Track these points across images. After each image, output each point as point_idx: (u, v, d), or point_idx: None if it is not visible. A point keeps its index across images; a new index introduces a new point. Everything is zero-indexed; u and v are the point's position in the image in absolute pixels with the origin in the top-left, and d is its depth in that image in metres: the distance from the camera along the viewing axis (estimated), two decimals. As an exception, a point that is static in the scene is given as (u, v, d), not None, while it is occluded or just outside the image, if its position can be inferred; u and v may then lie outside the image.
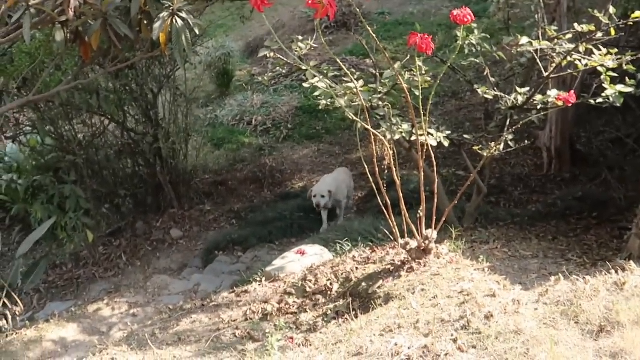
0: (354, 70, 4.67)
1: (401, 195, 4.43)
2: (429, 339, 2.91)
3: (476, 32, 5.37)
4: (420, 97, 4.24)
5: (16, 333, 5.36)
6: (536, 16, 5.95)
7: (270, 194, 9.09)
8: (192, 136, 9.47)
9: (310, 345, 3.70)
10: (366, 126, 4.26)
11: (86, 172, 7.90)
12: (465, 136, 5.90)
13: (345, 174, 8.46)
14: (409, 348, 2.85)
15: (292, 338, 4.11)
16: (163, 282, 6.40)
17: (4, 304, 5.60)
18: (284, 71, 12.05)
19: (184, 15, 4.71)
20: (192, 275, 6.78)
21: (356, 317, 4.06)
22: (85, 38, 5.04)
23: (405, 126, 5.13)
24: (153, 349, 4.29)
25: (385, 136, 4.92)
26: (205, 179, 9.58)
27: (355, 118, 4.24)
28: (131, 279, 7.39)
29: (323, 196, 7.70)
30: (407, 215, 4.41)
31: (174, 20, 4.66)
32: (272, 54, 5.34)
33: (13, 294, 5.69)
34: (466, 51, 5.51)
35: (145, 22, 4.95)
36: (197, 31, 5.11)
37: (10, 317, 5.55)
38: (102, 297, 7.02)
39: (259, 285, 5.37)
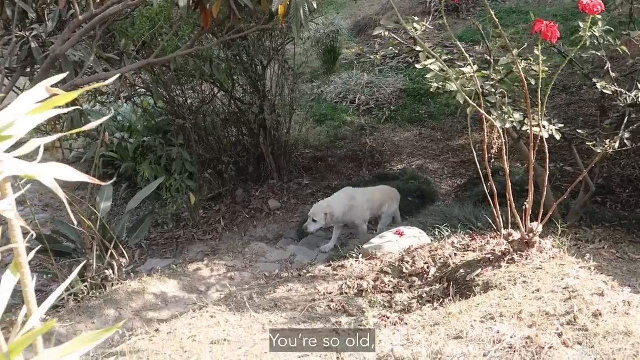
0: (467, 55, 4.59)
1: (509, 184, 4.35)
2: (533, 330, 2.86)
3: (600, 23, 5.17)
4: (540, 87, 4.14)
5: (121, 283, 5.62)
6: (667, 11, 5.69)
7: (368, 174, 9.09)
8: (296, 110, 9.59)
9: (406, 324, 3.71)
10: (481, 111, 4.20)
11: (193, 136, 8.14)
12: (579, 131, 5.71)
13: (379, 192, 7.48)
14: (511, 337, 2.81)
15: (386, 316, 4.13)
16: (260, 249, 6.55)
17: (112, 255, 5.87)
18: (396, 51, 11.99)
19: (303, -12, 4.76)
20: (288, 245, 6.91)
21: (453, 302, 4.05)
22: (206, 6, 5.19)
23: (517, 115, 5.02)
24: (250, 311, 4.42)
25: (494, 125, 4.85)
26: (305, 154, 9.68)
27: (470, 102, 4.19)
28: (228, 244, 7.60)
29: (315, 220, 6.73)
30: (513, 205, 4.33)
31: (294, -7, 4.72)
32: (386, 33, 5.34)
33: (120, 246, 5.96)
34: (587, 43, 5.31)
35: (266, -7, 5.04)
36: (315, 5, 5.17)
37: (116, 267, 5.82)
38: (199, 258, 7.26)
39: (356, 261, 5.42)
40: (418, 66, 5.14)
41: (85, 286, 5.68)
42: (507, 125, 4.96)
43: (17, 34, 5.37)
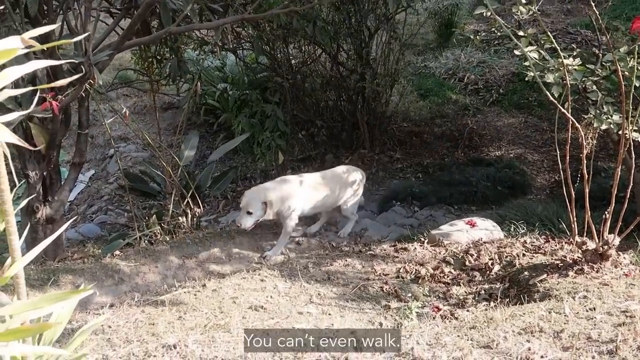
0: (574, 46, 4.28)
1: (587, 191, 4.07)
2: (567, 354, 2.64)
3: None
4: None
5: (191, 232, 5.75)
6: None
7: (463, 156, 8.78)
8: (400, 82, 9.35)
9: (449, 321, 3.57)
10: (563, 110, 3.93)
11: (290, 96, 8.13)
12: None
13: (331, 177, 6.06)
14: (541, 357, 2.62)
15: (438, 308, 4.00)
16: (333, 218, 6.49)
17: (188, 204, 6.00)
18: (498, 34, 11.43)
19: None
20: (363, 218, 6.80)
21: (507, 305, 3.86)
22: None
23: (616, 117, 4.66)
24: (301, 281, 4.40)
25: (591, 123, 4.54)
26: (402, 127, 9.46)
27: (554, 100, 3.92)
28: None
29: (250, 212, 5.39)
30: (589, 213, 4.05)
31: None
32: (489, 14, 5.05)
33: (197, 196, 6.07)
34: None
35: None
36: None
37: (190, 216, 5.95)
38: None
39: (420, 246, 5.27)
40: (517, 52, 4.84)
41: (159, 230, 5.86)
42: (604, 127, 4.63)
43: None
